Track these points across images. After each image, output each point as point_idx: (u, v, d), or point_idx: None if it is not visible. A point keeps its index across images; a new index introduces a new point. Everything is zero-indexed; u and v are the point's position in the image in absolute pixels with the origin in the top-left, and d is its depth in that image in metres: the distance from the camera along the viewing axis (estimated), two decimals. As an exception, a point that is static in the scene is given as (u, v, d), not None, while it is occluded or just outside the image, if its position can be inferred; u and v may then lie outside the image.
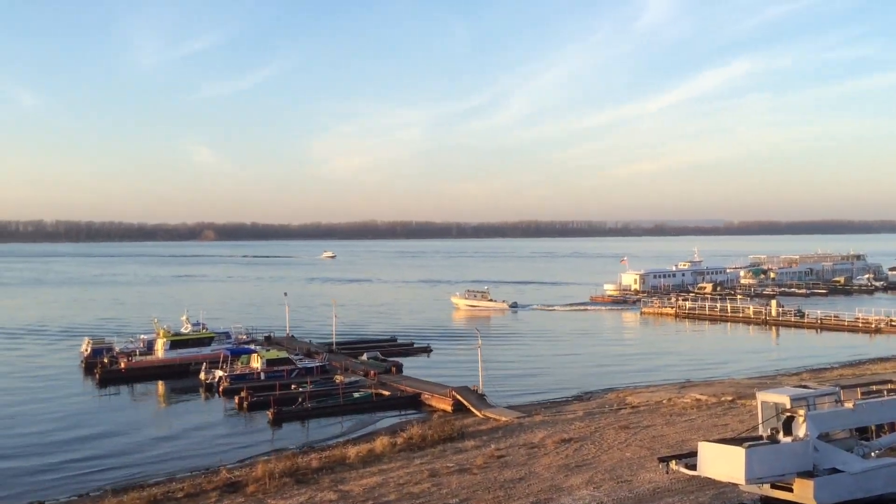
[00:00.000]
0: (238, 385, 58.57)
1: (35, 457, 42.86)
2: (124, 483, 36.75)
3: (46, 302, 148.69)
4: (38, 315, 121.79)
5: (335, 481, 33.08)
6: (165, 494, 32.40)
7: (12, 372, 70.90)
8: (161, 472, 39.12)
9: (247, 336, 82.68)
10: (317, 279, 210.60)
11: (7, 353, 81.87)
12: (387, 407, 54.61)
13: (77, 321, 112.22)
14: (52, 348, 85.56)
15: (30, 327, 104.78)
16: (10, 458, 42.51)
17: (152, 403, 60.15)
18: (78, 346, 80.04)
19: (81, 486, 36.99)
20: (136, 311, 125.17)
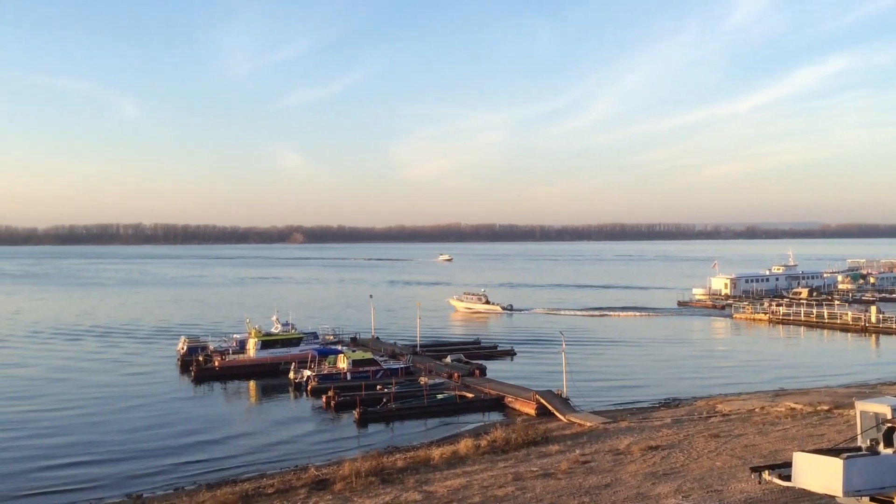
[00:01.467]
0: (325, 385, 59.78)
1: (133, 451, 44.72)
2: (217, 478, 38.04)
3: (142, 302, 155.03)
4: (135, 314, 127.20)
5: (420, 482, 33.36)
6: (256, 490, 33.33)
7: (113, 369, 74.16)
8: (252, 469, 40.31)
9: (333, 337, 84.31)
10: (397, 282, 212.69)
11: (108, 351, 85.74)
12: (470, 409, 54.72)
13: (172, 320, 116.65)
14: (149, 346, 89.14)
15: (128, 326, 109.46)
16: (109, 452, 44.51)
17: (244, 401, 61.94)
18: (174, 344, 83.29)
19: (177, 481, 38.46)
20: (226, 312, 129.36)
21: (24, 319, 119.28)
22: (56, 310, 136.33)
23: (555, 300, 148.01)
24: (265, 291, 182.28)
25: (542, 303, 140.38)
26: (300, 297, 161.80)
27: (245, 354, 72.97)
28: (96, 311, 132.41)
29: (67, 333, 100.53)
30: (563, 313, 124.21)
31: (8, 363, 77.08)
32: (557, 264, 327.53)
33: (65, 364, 76.39)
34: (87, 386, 65.19)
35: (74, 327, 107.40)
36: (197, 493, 33.97)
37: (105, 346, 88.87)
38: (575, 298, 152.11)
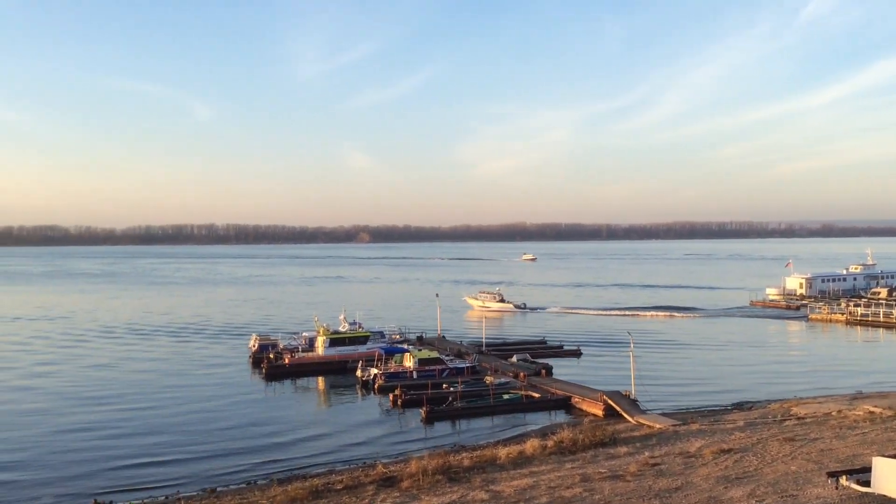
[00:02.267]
0: (392, 383, 60.39)
1: (207, 446, 45.98)
2: (288, 474, 38.84)
3: (213, 300, 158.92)
4: (206, 312, 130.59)
5: (486, 481, 33.39)
6: (326, 486, 33.85)
7: (187, 366, 76.27)
8: (321, 465, 41.02)
9: (400, 336, 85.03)
10: (461, 281, 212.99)
11: (182, 348, 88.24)
12: (536, 409, 54.52)
13: (242, 318, 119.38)
14: (222, 344, 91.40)
15: (200, 324, 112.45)
16: (184, 447, 45.86)
17: (313, 398, 62.97)
18: (245, 342, 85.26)
19: (249, 475, 39.40)
20: (293, 310, 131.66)
21: (101, 318, 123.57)
22: (131, 308, 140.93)
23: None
24: (331, 290, 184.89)
25: (593, 302, 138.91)
26: (368, 297, 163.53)
27: (314, 352, 74.23)
28: (169, 310, 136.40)
29: (142, 331, 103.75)
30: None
31: (85, 361, 79.83)
32: (624, 263, 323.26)
33: (140, 362, 78.81)
34: (162, 382, 67.15)
35: (148, 325, 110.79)
36: (268, 488, 34.71)
37: (178, 344, 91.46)
38: (640, 298, 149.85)
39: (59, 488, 37.30)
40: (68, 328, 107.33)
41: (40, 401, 59.08)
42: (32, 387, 64.44)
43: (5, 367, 75.10)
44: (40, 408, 56.38)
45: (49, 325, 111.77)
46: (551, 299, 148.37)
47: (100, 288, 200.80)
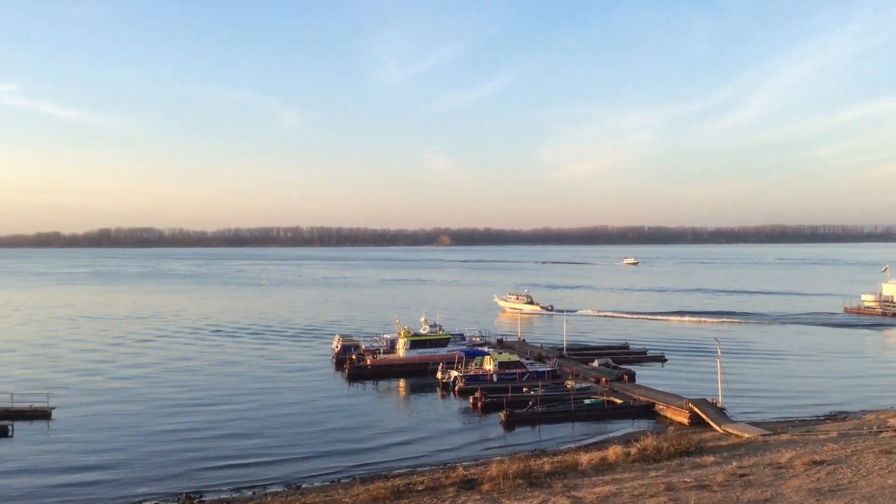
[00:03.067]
0: (472, 386, 60.52)
1: (293, 444, 47.06)
2: (371, 473, 39.40)
3: (296, 301, 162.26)
4: (290, 313, 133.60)
5: (568, 487, 33.08)
6: (407, 486, 34.18)
7: (273, 365, 78.14)
8: (402, 465, 41.46)
9: (480, 338, 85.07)
10: (539, 285, 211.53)
11: (267, 347, 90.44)
12: (619, 415, 53.72)
13: (324, 319, 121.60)
14: (306, 345, 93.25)
15: (284, 324, 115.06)
16: (271, 445, 47.04)
17: (394, 399, 63.64)
18: (328, 343, 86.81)
19: (333, 474, 40.15)
20: (372, 312, 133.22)
21: (188, 318, 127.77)
22: (218, 309, 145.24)
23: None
24: (410, 293, 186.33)
25: (638, 306, 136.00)
26: (447, 299, 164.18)
27: (395, 354, 75.00)
28: (254, 310, 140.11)
29: (228, 332, 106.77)
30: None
31: (174, 361, 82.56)
32: (707, 267, 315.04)
33: (227, 363, 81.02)
34: (249, 382, 68.96)
35: (234, 326, 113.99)
36: (352, 486, 35.28)
37: (264, 344, 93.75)
38: (726, 303, 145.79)
39: (153, 484, 38.77)
40: (157, 328, 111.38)
41: (132, 399, 61.48)
42: (125, 387, 67.02)
43: (98, 365, 78.49)
44: (132, 407, 58.64)
45: (139, 324, 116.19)
46: (634, 304, 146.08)
47: (189, 289, 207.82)
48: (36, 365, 77.43)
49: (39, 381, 66.43)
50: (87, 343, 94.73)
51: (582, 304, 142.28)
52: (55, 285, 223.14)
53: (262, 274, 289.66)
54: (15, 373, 72.18)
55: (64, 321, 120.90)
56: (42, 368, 75.17)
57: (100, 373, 72.88)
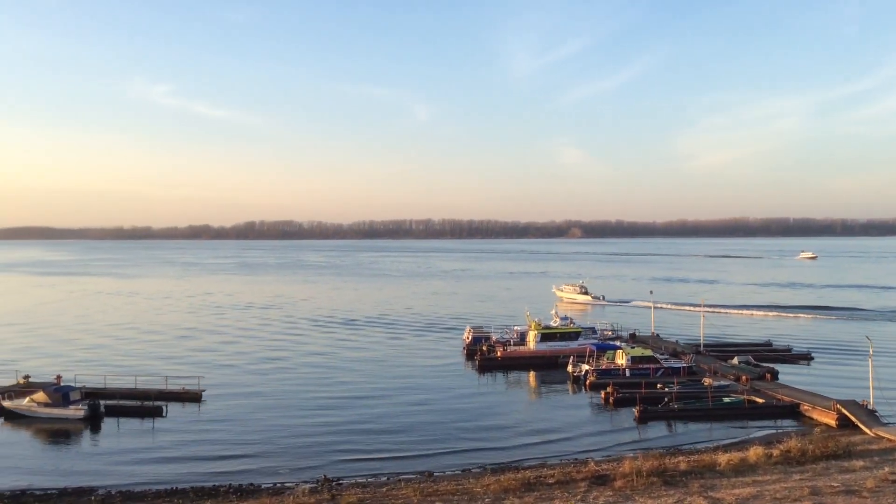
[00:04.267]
0: (604, 380, 59.57)
1: (425, 431, 47.96)
2: (501, 464, 39.58)
3: (426, 292, 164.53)
4: (420, 304, 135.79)
5: (705, 487, 32.04)
6: (537, 478, 34.12)
7: (405, 354, 79.80)
8: (532, 457, 41.39)
9: (612, 332, 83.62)
10: (672, 279, 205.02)
11: (399, 339, 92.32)
12: (760, 415, 51.44)
13: (453, 311, 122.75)
14: (436, 335, 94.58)
15: (414, 315, 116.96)
16: (404, 432, 48.13)
17: (524, 391, 63.56)
18: (457, 334, 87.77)
19: (463, 462, 40.62)
20: (500, 304, 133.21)
21: (323, 307, 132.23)
22: (351, 299, 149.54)
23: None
24: (536, 286, 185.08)
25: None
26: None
27: (525, 346, 74.90)
28: (385, 301, 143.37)
29: (360, 322, 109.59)
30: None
31: (309, 349, 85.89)
32: (857, 261, 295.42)
33: (359, 350, 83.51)
34: (382, 370, 70.75)
35: (365, 315, 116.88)
36: (482, 477, 35.57)
37: (394, 334, 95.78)
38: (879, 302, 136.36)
39: (292, 468, 40.49)
40: (294, 317, 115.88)
41: (272, 386, 64.40)
42: (266, 375, 70.28)
43: (242, 352, 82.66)
44: (272, 394, 61.39)
45: (277, 313, 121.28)
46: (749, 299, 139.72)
47: (323, 279, 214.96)
48: (187, 350, 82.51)
49: (191, 366, 70.65)
50: (231, 330, 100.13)
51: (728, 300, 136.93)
52: (203, 275, 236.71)
53: (393, 265, 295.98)
54: (168, 357, 77.18)
55: (210, 309, 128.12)
56: (193, 354, 79.97)
57: (243, 359, 76.76)
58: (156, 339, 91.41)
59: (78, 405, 51.81)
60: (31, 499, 33.93)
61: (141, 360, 75.23)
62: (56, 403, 51.73)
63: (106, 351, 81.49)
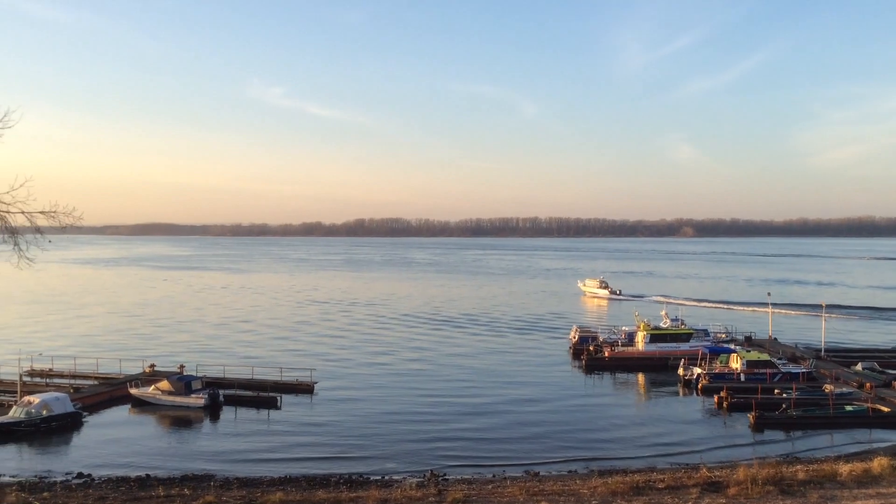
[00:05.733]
0: (717, 384, 57.80)
1: (531, 430, 47.80)
2: (609, 466, 39.02)
3: (527, 290, 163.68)
4: (523, 302, 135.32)
5: (824, 498, 30.58)
6: (647, 483, 33.41)
7: (511, 352, 79.75)
8: (641, 461, 40.63)
9: (726, 335, 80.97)
10: (788, 280, 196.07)
11: (503, 336, 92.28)
12: (886, 424, 48.72)
13: (556, 309, 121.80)
14: (541, 333, 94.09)
15: (516, 313, 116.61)
16: (510, 430, 48.12)
17: (632, 393, 62.41)
18: (561, 333, 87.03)
19: (570, 462, 40.37)
20: (605, 304, 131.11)
21: (425, 304, 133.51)
22: (453, 296, 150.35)
23: None
24: (643, 285, 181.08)
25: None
26: (686, 292, 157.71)
27: (634, 347, 73.51)
28: (487, 298, 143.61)
29: (462, 319, 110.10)
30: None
31: (414, 346, 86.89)
32: None
33: (464, 346, 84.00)
34: (489, 368, 70.93)
35: (468, 312, 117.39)
36: (589, 478, 35.16)
37: (498, 332, 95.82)
38: None
39: (399, 461, 41.25)
40: (397, 314, 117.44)
41: (380, 381, 65.70)
42: (372, 369, 71.63)
43: (349, 346, 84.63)
44: (380, 389, 62.67)
45: (381, 309, 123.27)
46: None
47: (426, 276, 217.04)
48: (297, 343, 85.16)
49: (301, 359, 72.88)
50: (337, 324, 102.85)
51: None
52: (313, 271, 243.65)
53: (497, 263, 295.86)
54: (280, 349, 79.89)
55: (318, 304, 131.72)
56: (303, 347, 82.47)
57: (350, 353, 78.63)
58: (268, 331, 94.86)
59: (199, 394, 54.39)
60: (155, 482, 35.77)
61: (255, 351, 78.22)
62: (179, 392, 54.48)
63: (223, 342, 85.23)
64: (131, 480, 36.50)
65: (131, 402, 55.41)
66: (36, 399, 48.41)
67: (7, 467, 39.84)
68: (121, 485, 35.40)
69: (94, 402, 54.48)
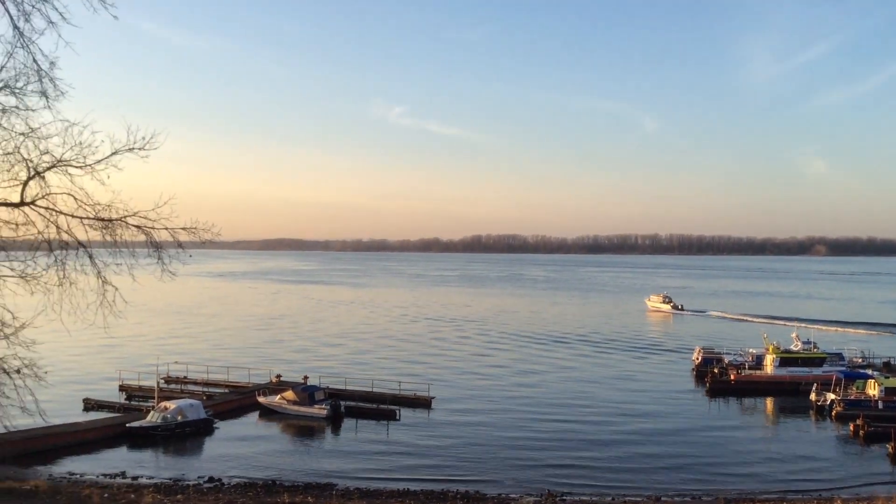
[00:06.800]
0: (852, 411, 54.61)
1: (652, 454, 46.62)
2: (735, 494, 37.49)
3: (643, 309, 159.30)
4: (639, 322, 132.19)
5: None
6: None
7: (630, 373, 78.02)
8: (770, 490, 38.86)
9: (862, 360, 76.41)
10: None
11: (622, 356, 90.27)
12: None
13: (674, 330, 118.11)
14: (661, 354, 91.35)
15: (634, 333, 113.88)
16: (629, 453, 47.09)
17: (760, 418, 59.81)
18: (681, 354, 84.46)
19: (694, 489, 39.05)
20: (722, 325, 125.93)
21: (538, 322, 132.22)
22: (567, 314, 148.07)
23: None
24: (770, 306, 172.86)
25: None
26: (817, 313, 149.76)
27: (762, 370, 70.47)
28: (601, 317, 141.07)
29: (575, 337, 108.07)
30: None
31: (527, 364, 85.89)
32: None
33: (580, 367, 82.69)
34: (609, 389, 69.56)
35: (581, 332, 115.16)
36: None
37: (617, 351, 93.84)
38: None
39: (516, 479, 41.09)
40: (508, 329, 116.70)
41: (494, 398, 65.53)
42: (487, 387, 71.71)
43: (463, 362, 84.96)
44: (494, 406, 62.44)
45: (493, 325, 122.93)
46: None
47: (540, 294, 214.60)
48: (413, 358, 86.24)
49: (416, 373, 73.71)
50: (450, 340, 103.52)
51: None
52: (427, 286, 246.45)
53: (613, 281, 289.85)
54: (399, 364, 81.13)
55: (431, 319, 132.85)
56: (418, 362, 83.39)
57: (463, 369, 79.00)
58: (386, 345, 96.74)
59: (322, 405, 56.06)
60: (280, 489, 37.09)
61: (373, 365, 79.77)
62: (303, 402, 56.35)
63: (342, 355, 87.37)
64: (258, 486, 37.99)
65: (259, 411, 57.71)
66: (172, 405, 51.27)
67: (144, 469, 42.31)
68: (248, 490, 36.89)
69: (225, 409, 57.13)
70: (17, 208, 20.75)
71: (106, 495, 30.99)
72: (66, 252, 21.37)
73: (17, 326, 21.15)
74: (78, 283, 21.41)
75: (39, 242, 21.04)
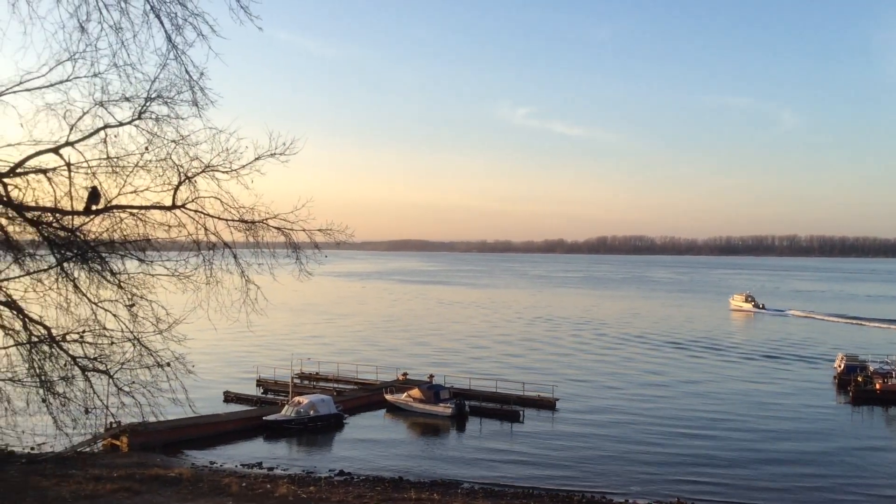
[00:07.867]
0: None
1: (791, 465, 44.61)
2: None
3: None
4: (773, 327, 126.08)
5: None
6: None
7: (766, 380, 74.84)
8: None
9: None
10: None
11: (759, 362, 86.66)
12: None
13: (812, 335, 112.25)
14: (799, 362, 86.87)
15: (767, 338, 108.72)
16: (767, 464, 45.23)
17: (909, 432, 56.14)
18: (823, 361, 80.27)
19: (834, 498, 37.30)
20: (872, 333, 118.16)
21: (662, 326, 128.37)
22: (695, 318, 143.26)
23: None
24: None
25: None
26: None
27: (911, 380, 66.05)
28: (735, 323, 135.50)
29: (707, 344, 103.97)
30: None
31: (654, 368, 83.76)
32: None
33: (710, 374, 79.82)
34: (745, 397, 66.83)
35: (713, 338, 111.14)
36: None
37: (752, 358, 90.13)
38: None
39: (643, 485, 40.27)
40: (628, 332, 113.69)
41: (619, 402, 64.46)
42: (611, 389, 70.50)
43: (587, 365, 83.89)
44: (619, 410, 61.39)
45: (613, 327, 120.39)
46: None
47: (663, 296, 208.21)
48: (534, 359, 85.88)
49: (538, 374, 73.17)
50: (569, 341, 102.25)
51: None
52: (550, 287, 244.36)
53: (745, 284, 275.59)
54: (522, 365, 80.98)
55: (553, 320, 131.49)
56: (539, 362, 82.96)
57: (584, 371, 78.01)
58: (506, 345, 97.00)
59: (447, 403, 56.88)
60: (407, 485, 37.94)
61: (495, 365, 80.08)
62: (428, 400, 57.36)
63: (462, 355, 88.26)
64: (386, 481, 38.99)
65: (386, 408, 59.22)
66: (304, 400, 53.45)
67: (279, 461, 44.26)
68: (377, 485, 37.92)
69: (354, 405, 58.99)
70: (169, 211, 22.32)
71: (244, 484, 32.63)
72: (213, 252, 22.80)
73: (171, 322, 22.64)
74: (223, 282, 22.80)
75: (189, 243, 22.55)
